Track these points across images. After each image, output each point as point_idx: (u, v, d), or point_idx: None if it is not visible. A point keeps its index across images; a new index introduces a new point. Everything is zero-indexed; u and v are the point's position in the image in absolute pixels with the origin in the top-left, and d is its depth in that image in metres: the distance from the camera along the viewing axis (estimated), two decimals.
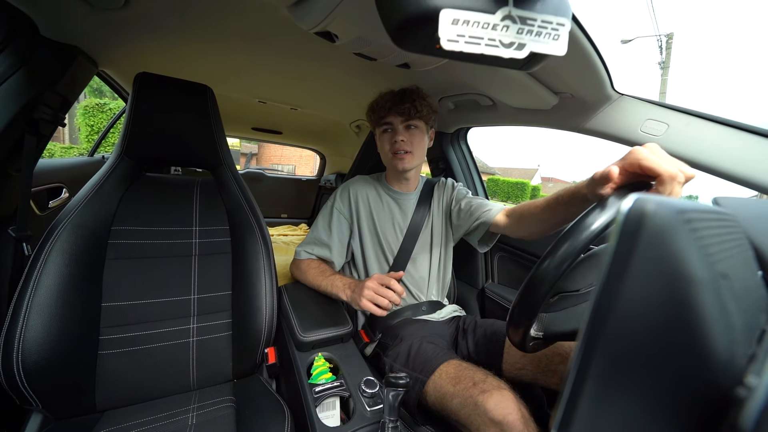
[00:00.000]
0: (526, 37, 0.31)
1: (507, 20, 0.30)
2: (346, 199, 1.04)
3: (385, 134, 0.99)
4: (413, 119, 0.96)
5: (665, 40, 9.74)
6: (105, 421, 0.71)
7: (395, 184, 1.08)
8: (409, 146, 0.97)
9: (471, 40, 0.30)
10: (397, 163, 0.98)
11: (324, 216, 1.04)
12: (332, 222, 1.02)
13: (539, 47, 0.32)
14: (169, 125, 0.87)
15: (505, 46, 0.31)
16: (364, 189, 1.06)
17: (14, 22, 0.65)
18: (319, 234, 1.02)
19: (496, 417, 0.60)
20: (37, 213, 1.19)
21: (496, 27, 0.30)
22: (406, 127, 0.97)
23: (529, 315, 0.48)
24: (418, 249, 1.05)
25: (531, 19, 0.31)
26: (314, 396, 0.73)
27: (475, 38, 0.30)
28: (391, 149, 0.98)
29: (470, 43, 0.30)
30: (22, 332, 0.65)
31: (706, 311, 0.22)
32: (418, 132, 0.98)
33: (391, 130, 0.98)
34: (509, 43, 0.31)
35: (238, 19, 0.80)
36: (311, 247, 1.02)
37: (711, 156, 0.68)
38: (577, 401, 0.24)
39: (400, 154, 0.97)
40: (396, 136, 0.96)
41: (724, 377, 0.22)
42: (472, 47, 0.30)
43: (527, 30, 0.31)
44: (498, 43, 0.30)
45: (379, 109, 0.97)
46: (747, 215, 0.38)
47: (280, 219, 3.09)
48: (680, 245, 0.22)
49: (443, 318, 1.05)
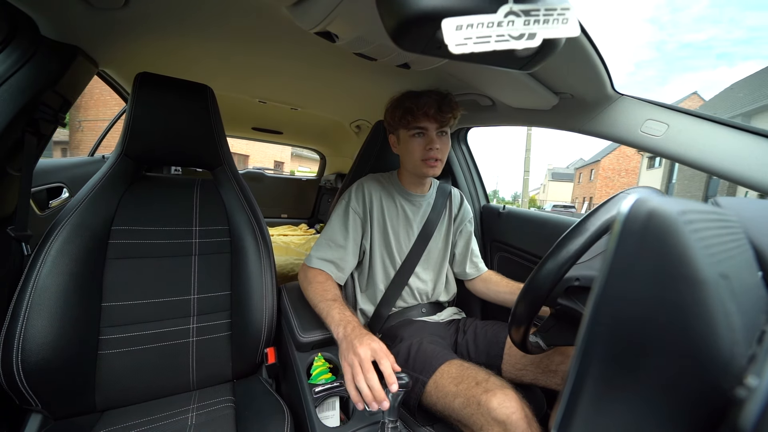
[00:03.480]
0: (535, 26, 0.31)
1: (510, 16, 0.30)
2: (361, 197, 1.00)
3: (416, 138, 0.94)
4: (447, 125, 0.94)
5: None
6: (105, 421, 0.71)
7: (411, 186, 1.05)
8: (441, 153, 0.94)
9: (479, 40, 0.30)
10: (427, 171, 0.94)
11: (338, 216, 0.99)
12: (348, 222, 0.97)
13: (551, 32, 0.31)
14: (169, 125, 0.87)
15: (516, 39, 0.30)
16: (378, 189, 1.02)
17: (14, 21, 0.65)
18: (335, 235, 0.97)
19: (500, 416, 0.60)
20: (37, 213, 1.19)
21: (501, 24, 0.30)
22: (438, 134, 0.93)
23: (530, 315, 0.48)
24: (427, 254, 1.04)
25: (534, 10, 0.30)
26: (314, 396, 0.73)
27: (483, 38, 0.29)
28: (423, 156, 0.93)
29: (479, 43, 0.30)
30: (22, 332, 0.65)
31: (706, 312, 0.22)
32: (447, 138, 0.96)
33: (424, 136, 0.93)
34: (519, 35, 0.30)
35: (239, 19, 0.80)
36: (324, 252, 0.95)
37: (711, 156, 0.68)
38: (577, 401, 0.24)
39: (431, 161, 0.93)
40: (432, 144, 0.92)
41: (723, 377, 0.22)
42: (482, 46, 0.30)
43: (534, 20, 0.31)
44: (508, 37, 0.30)
45: (418, 112, 0.90)
46: (747, 215, 0.38)
47: (280, 219, 3.09)
48: (680, 246, 0.22)
49: (443, 320, 1.05)
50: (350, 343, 0.66)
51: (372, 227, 1.01)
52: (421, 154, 0.93)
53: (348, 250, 0.96)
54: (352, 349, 0.64)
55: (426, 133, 0.93)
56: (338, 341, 0.72)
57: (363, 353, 0.63)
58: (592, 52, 0.65)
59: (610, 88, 0.78)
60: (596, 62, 0.69)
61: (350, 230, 0.97)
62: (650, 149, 0.77)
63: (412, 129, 0.93)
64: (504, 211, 1.36)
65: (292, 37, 0.84)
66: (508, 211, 1.35)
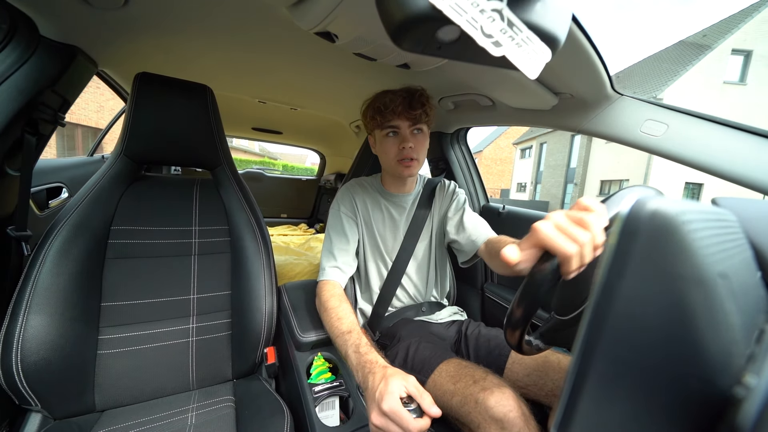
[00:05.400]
0: (506, 40, 0.30)
1: (495, 13, 0.30)
2: (348, 202, 1.01)
3: (389, 138, 0.92)
4: (420, 123, 0.91)
5: None
6: (104, 420, 0.71)
7: (393, 187, 1.05)
8: (416, 153, 0.92)
9: (456, 6, 0.29)
10: (402, 171, 0.93)
11: (335, 225, 0.98)
12: (344, 226, 0.97)
13: (513, 57, 0.31)
14: (169, 125, 0.86)
15: (484, 35, 0.30)
16: (362, 193, 1.03)
17: (14, 21, 0.65)
18: (338, 242, 0.95)
19: (497, 414, 0.60)
20: (37, 213, 1.19)
21: (483, 11, 0.29)
22: (412, 132, 0.91)
23: (526, 317, 0.48)
24: (419, 249, 1.04)
25: (518, 28, 0.30)
26: (314, 396, 0.73)
27: (460, 8, 0.29)
28: (398, 155, 0.91)
29: (453, 9, 0.29)
30: (21, 332, 0.65)
31: (704, 311, 0.22)
32: (423, 136, 0.94)
33: (397, 135, 0.91)
34: (488, 35, 0.30)
35: (239, 19, 0.80)
36: (328, 260, 0.92)
37: (710, 156, 0.68)
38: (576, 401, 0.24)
39: (406, 161, 0.91)
40: (405, 143, 0.89)
41: (722, 376, 0.22)
42: (454, 14, 0.29)
43: (510, 35, 0.30)
44: (479, 27, 0.29)
45: (386, 111, 0.89)
46: (746, 216, 0.38)
47: (280, 219, 3.10)
48: (679, 246, 0.22)
49: (443, 320, 1.05)
50: (371, 397, 0.57)
51: (362, 230, 1.02)
52: (396, 154, 0.92)
53: (350, 252, 0.96)
54: (377, 407, 0.54)
55: (399, 132, 0.91)
56: (358, 384, 0.64)
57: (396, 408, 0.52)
58: (592, 52, 0.65)
59: (610, 88, 0.78)
60: (596, 62, 0.69)
61: (348, 233, 0.97)
62: (650, 149, 0.77)
63: (385, 128, 0.91)
64: (504, 211, 1.36)
65: (292, 37, 0.84)
66: (507, 211, 1.35)
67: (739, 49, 11.37)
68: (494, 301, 1.27)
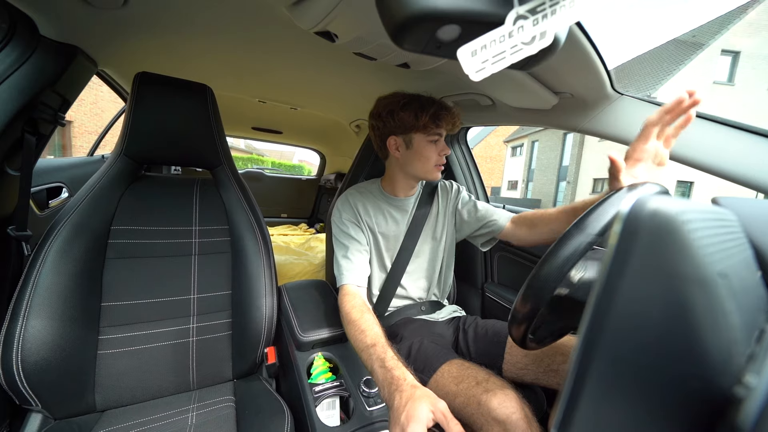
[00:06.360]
0: (544, 23, 0.30)
1: (519, 21, 0.30)
2: (349, 209, 1.00)
3: (432, 144, 0.94)
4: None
5: None
6: (104, 420, 0.71)
7: (401, 191, 1.04)
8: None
9: (495, 59, 0.30)
10: (437, 175, 0.98)
11: (338, 231, 0.98)
12: (351, 232, 0.96)
13: (560, 23, 0.30)
14: (169, 125, 0.86)
15: (529, 44, 0.30)
16: (361, 199, 1.02)
17: (14, 21, 0.65)
18: (344, 246, 0.94)
19: (500, 416, 0.60)
20: (37, 213, 1.19)
21: (512, 34, 0.30)
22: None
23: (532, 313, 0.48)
24: (423, 249, 1.04)
25: (539, 5, 0.30)
26: (314, 396, 0.73)
27: (498, 55, 0.30)
28: (437, 161, 0.95)
29: (497, 62, 0.30)
30: (22, 332, 0.65)
31: (704, 310, 0.22)
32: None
33: (437, 142, 0.95)
34: (531, 39, 0.30)
35: (238, 19, 0.80)
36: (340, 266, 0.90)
37: (711, 156, 0.68)
38: (576, 401, 0.24)
39: (440, 166, 0.96)
40: (444, 150, 0.94)
41: (722, 376, 0.22)
42: (500, 64, 0.30)
43: (542, 16, 0.30)
44: (521, 45, 0.30)
45: (435, 117, 0.90)
46: (747, 215, 0.38)
47: (280, 219, 3.10)
48: (679, 245, 0.22)
49: (443, 318, 1.05)
50: (396, 418, 0.54)
51: (368, 234, 1.01)
52: (436, 160, 0.95)
53: (363, 253, 0.95)
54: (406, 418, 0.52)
55: (439, 140, 0.95)
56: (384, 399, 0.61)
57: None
58: (592, 52, 0.65)
59: (610, 87, 0.78)
60: (596, 62, 0.69)
61: (356, 236, 0.96)
62: None
63: (433, 134, 0.92)
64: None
65: (292, 36, 0.84)
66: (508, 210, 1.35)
67: (728, 50, 11.52)
68: (494, 300, 1.27)
